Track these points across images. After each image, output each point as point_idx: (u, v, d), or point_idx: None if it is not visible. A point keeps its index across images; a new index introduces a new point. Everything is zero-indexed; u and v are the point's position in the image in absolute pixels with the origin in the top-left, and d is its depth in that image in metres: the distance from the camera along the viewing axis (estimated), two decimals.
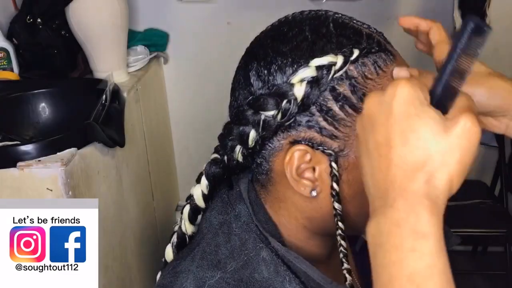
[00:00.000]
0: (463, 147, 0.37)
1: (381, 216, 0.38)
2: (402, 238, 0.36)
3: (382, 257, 0.37)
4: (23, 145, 0.97)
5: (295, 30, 0.52)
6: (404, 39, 0.68)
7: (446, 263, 0.36)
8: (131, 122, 1.37)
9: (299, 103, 0.49)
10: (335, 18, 0.53)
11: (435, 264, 0.36)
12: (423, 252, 0.36)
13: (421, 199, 0.37)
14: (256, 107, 0.51)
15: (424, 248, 0.36)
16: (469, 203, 1.72)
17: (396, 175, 0.38)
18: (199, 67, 1.82)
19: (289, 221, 0.57)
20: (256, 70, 0.52)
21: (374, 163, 0.39)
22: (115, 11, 1.36)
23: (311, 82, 0.49)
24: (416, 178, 0.37)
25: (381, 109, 0.39)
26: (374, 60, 0.50)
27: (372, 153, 0.40)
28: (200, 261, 0.53)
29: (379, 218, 0.38)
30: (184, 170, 2.00)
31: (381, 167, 0.39)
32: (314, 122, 0.50)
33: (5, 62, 1.35)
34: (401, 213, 0.37)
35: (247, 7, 1.72)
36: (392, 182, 0.38)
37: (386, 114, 0.39)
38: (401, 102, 0.38)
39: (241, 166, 0.56)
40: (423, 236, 0.36)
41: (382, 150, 0.39)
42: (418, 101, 0.38)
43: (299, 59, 0.50)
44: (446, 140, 0.37)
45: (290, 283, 0.51)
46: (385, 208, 0.38)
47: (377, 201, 0.39)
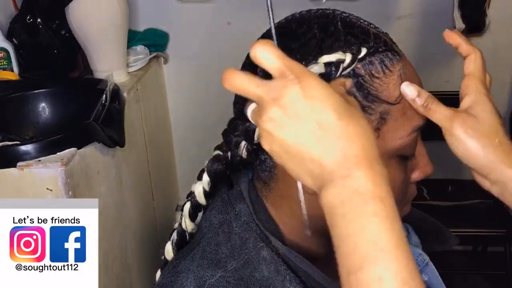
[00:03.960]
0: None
1: (340, 187, 0.39)
2: (364, 204, 0.38)
3: (345, 227, 0.39)
4: (23, 145, 0.97)
5: (304, 28, 0.52)
6: (404, 39, 0.68)
7: (401, 225, 0.39)
8: (131, 122, 1.37)
9: None
10: (343, 17, 0.53)
11: (393, 227, 0.38)
12: (383, 215, 0.38)
13: (372, 164, 0.39)
14: None
15: (383, 212, 0.38)
16: (469, 203, 1.72)
17: (344, 147, 0.40)
18: (199, 67, 1.82)
19: (291, 219, 0.57)
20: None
21: (320, 141, 0.41)
22: (115, 11, 1.36)
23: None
24: (358, 144, 0.40)
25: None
26: (381, 59, 0.51)
27: (314, 134, 0.41)
28: (200, 260, 0.53)
29: (338, 189, 0.39)
30: (184, 170, 1.99)
31: (326, 144, 0.40)
32: None
33: (5, 62, 1.35)
34: (359, 181, 0.39)
35: (247, 7, 1.72)
36: (343, 154, 0.40)
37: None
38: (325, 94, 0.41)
39: (244, 163, 0.56)
40: (381, 200, 0.39)
41: (322, 129, 0.40)
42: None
43: (308, 56, 0.50)
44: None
45: (291, 282, 0.51)
46: (342, 179, 0.39)
47: (326, 176, 0.40)
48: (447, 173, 1.80)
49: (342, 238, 0.39)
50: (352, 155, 0.40)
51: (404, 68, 0.52)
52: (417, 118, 0.53)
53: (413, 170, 0.57)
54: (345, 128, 0.40)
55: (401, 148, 0.53)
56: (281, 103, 0.40)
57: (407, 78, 0.52)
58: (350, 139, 0.40)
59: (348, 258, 0.39)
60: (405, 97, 0.51)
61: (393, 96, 0.51)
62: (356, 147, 0.40)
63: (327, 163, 0.40)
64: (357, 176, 0.39)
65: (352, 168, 0.39)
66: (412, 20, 1.71)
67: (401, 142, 0.52)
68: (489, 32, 1.71)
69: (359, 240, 0.38)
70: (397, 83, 0.51)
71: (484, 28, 1.70)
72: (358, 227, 0.38)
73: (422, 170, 0.57)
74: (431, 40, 1.69)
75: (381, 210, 0.38)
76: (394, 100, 0.51)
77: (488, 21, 1.68)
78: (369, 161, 0.40)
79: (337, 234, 0.40)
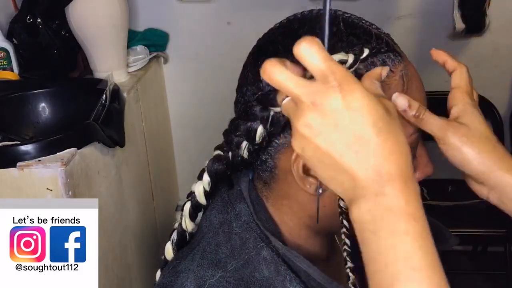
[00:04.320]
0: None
1: (372, 204, 0.39)
2: (396, 222, 0.38)
3: (376, 244, 0.39)
4: (23, 145, 0.97)
5: (306, 28, 0.52)
6: (404, 39, 0.68)
7: (433, 243, 0.39)
8: (131, 122, 1.37)
9: None
10: (345, 18, 0.53)
11: (426, 245, 0.38)
12: (415, 234, 0.38)
13: (406, 182, 0.39)
14: (265, 102, 0.51)
15: (415, 230, 0.38)
16: (469, 203, 1.72)
17: (379, 164, 0.39)
18: (199, 67, 1.82)
19: (291, 219, 0.57)
20: None
21: (355, 155, 0.40)
22: (115, 11, 1.36)
23: None
24: (393, 162, 0.39)
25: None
26: (383, 60, 0.51)
27: (350, 147, 0.40)
28: (201, 260, 0.53)
29: (370, 205, 0.39)
30: (184, 170, 1.99)
31: (361, 158, 0.40)
32: None
33: (5, 62, 1.35)
34: (392, 199, 0.39)
35: (247, 7, 1.72)
36: (377, 171, 0.39)
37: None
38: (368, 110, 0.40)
39: (245, 163, 0.56)
40: (413, 218, 0.38)
41: (359, 143, 0.40)
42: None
43: None
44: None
45: (291, 282, 0.51)
46: (374, 195, 0.39)
47: (359, 190, 0.40)
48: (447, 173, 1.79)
49: (373, 255, 0.39)
50: (386, 173, 0.39)
51: (406, 68, 0.52)
52: None
53: (414, 171, 0.57)
54: (382, 144, 0.39)
55: None
56: (320, 109, 0.40)
57: (408, 79, 0.52)
58: (386, 156, 0.39)
59: (379, 276, 0.39)
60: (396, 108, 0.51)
61: None
62: (391, 165, 0.39)
63: (360, 177, 0.39)
64: (390, 194, 0.39)
65: (385, 185, 0.39)
66: (412, 20, 1.71)
67: None
68: (489, 32, 1.71)
69: (391, 258, 0.38)
70: (399, 83, 0.51)
71: (484, 28, 1.69)
72: (390, 245, 0.38)
73: (422, 171, 0.57)
74: (431, 40, 1.69)
75: (413, 228, 0.38)
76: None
77: (488, 21, 1.68)
78: (403, 178, 0.39)
79: (367, 250, 0.40)
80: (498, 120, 1.72)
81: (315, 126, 0.40)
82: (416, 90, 0.53)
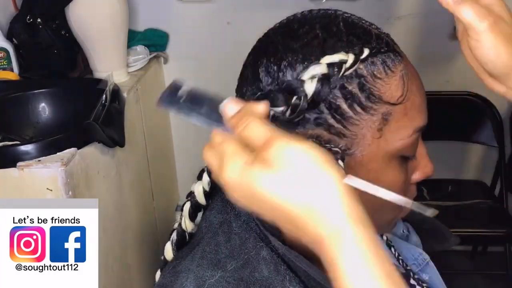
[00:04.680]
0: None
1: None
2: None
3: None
4: (23, 145, 0.97)
5: (306, 28, 0.52)
6: (404, 39, 0.68)
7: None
8: (131, 122, 1.37)
9: (309, 99, 0.49)
10: (345, 18, 0.53)
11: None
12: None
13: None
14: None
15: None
16: (469, 203, 1.72)
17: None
18: (199, 67, 1.82)
19: None
20: (266, 66, 0.52)
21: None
22: (115, 11, 1.36)
23: (322, 79, 0.49)
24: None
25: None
26: (383, 59, 0.51)
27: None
28: (200, 260, 0.53)
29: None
30: (184, 170, 1.99)
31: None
32: (323, 119, 0.50)
33: (5, 62, 1.35)
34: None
35: (247, 7, 1.72)
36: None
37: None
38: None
39: None
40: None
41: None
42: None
43: (310, 56, 0.50)
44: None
45: (291, 282, 0.51)
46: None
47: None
48: (447, 173, 1.80)
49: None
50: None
51: (406, 68, 0.52)
52: (418, 119, 0.53)
53: (414, 171, 0.57)
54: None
55: (402, 149, 0.53)
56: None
57: (408, 79, 0.52)
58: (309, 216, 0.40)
59: None
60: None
61: (395, 96, 0.51)
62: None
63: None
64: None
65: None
66: (412, 20, 1.71)
67: (403, 143, 0.52)
68: None
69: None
70: (399, 83, 0.51)
71: None
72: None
73: (422, 171, 0.57)
74: (431, 40, 1.69)
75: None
76: (396, 101, 0.51)
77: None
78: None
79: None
80: (498, 120, 1.73)
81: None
82: (416, 90, 0.53)
